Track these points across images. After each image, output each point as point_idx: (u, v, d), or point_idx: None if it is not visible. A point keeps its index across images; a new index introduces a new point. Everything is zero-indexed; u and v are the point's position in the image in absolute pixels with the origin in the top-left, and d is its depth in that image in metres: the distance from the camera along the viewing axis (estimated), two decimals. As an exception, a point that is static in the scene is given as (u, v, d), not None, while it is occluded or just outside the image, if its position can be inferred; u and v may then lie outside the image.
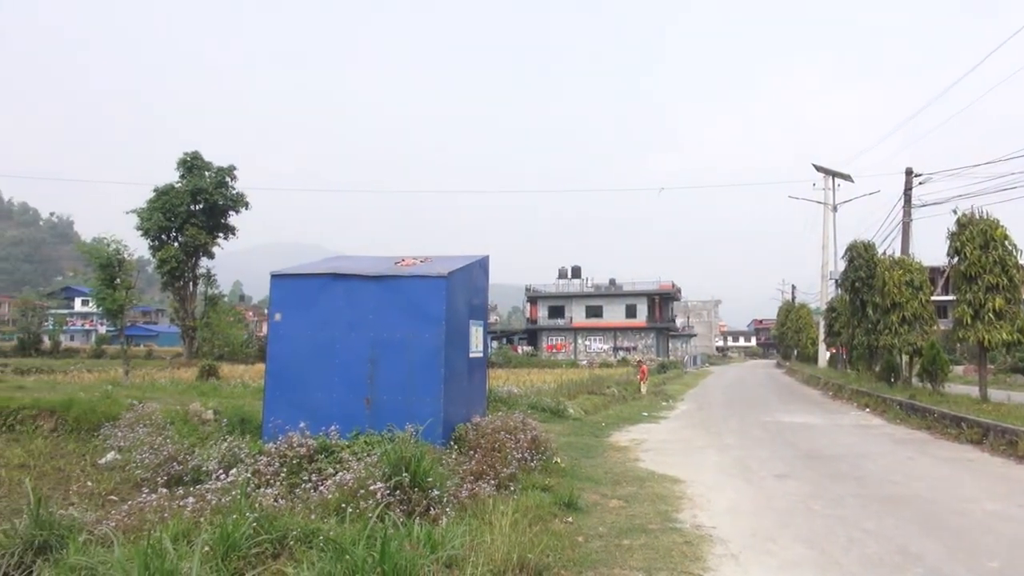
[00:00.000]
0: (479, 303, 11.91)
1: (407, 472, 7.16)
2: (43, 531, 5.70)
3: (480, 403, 12.01)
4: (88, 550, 5.29)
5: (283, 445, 8.83)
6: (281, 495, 6.90)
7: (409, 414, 9.57)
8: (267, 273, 11.09)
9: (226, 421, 11.95)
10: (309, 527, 5.83)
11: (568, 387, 23.66)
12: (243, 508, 5.84)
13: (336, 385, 10.26)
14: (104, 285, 28.19)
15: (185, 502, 6.52)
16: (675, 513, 8.26)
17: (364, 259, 11.95)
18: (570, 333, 79.71)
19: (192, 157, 49.73)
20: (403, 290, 10.25)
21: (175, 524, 5.76)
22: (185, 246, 48.21)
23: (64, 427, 13.56)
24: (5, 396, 15.29)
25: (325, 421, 9.47)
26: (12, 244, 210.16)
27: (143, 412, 12.59)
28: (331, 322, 10.40)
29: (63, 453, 11.70)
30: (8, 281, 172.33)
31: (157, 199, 48.15)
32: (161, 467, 9.36)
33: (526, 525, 6.70)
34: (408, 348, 10.02)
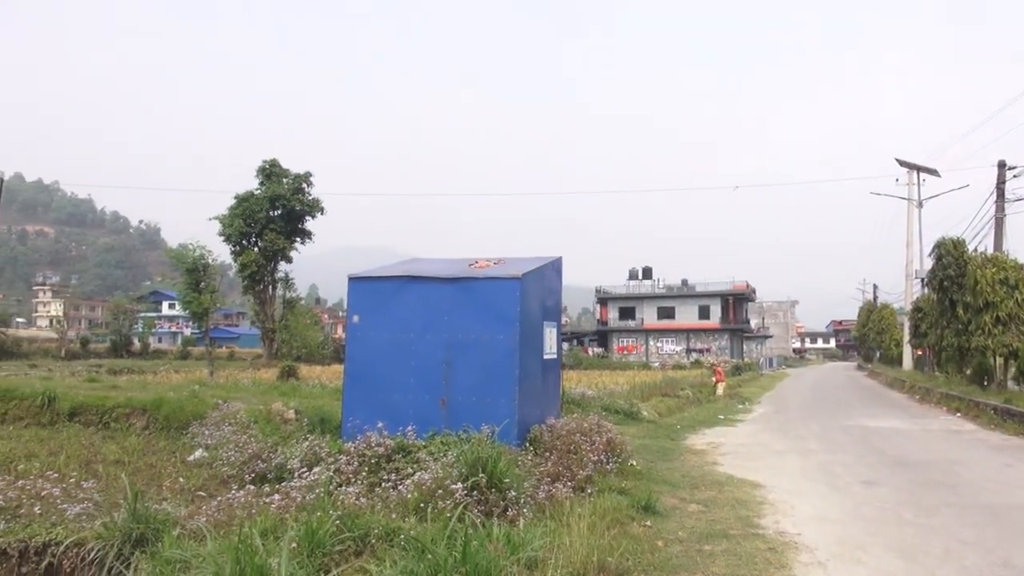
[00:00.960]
0: (553, 304, 11.89)
1: (484, 473, 7.19)
2: (140, 524, 5.96)
3: (554, 405, 11.98)
4: (182, 544, 5.51)
5: (362, 444, 9.00)
6: (362, 494, 7.02)
7: (484, 415, 9.61)
8: (341, 276, 11.33)
9: (307, 420, 12.26)
10: (390, 526, 5.92)
11: (641, 389, 23.39)
12: (326, 506, 5.98)
13: (412, 386, 10.39)
14: (190, 289, 29.35)
15: (271, 499, 6.71)
16: (757, 519, 8.05)
17: (438, 261, 12.08)
18: (641, 335, 78.85)
19: (271, 164, 51.37)
20: (477, 292, 10.31)
21: (262, 520, 5.93)
22: (264, 251, 49.80)
23: (155, 425, 14.19)
24: (101, 395, 16.10)
25: (402, 421, 9.61)
26: (105, 251, 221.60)
27: (228, 411, 13.05)
28: (407, 324, 10.54)
29: (155, 450, 12.23)
30: (101, 286, 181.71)
31: (238, 206, 49.92)
32: (246, 465, 9.68)
33: (604, 528, 6.64)
34: (483, 349, 10.07)
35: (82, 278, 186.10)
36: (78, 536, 6.32)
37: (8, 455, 10.98)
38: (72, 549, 6.26)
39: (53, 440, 12.78)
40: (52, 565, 6.36)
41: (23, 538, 6.53)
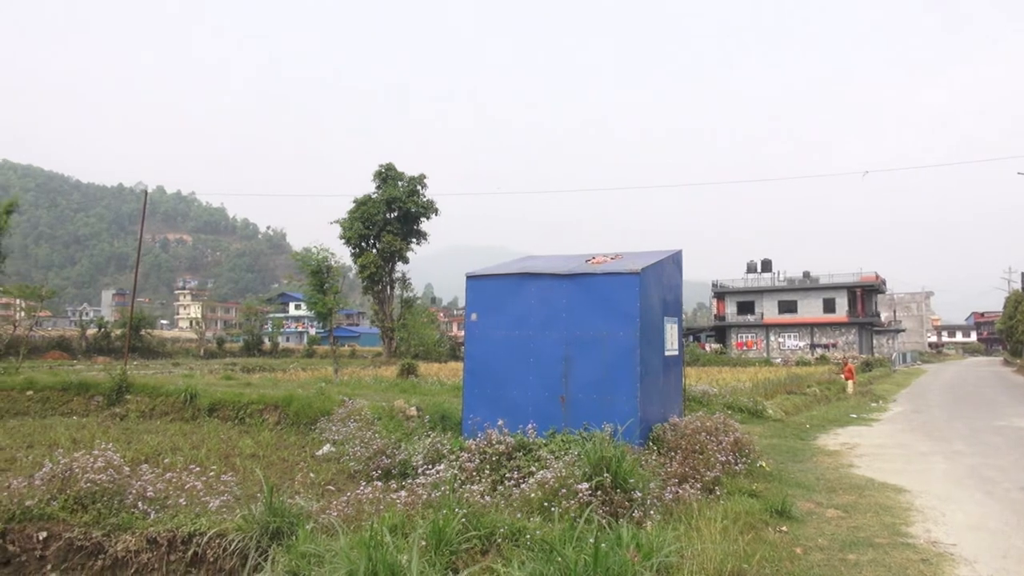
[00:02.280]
0: (673, 299, 11.54)
1: (608, 472, 7.01)
2: (276, 518, 6.16)
3: (676, 403, 11.63)
4: (315, 538, 5.64)
5: (483, 442, 9.01)
6: (485, 492, 6.99)
7: (605, 413, 9.43)
8: (455, 276, 11.42)
9: (428, 417, 12.45)
10: (515, 525, 5.84)
11: (764, 386, 22.45)
12: (452, 504, 5.97)
13: (531, 383, 10.34)
14: (315, 290, 30.59)
15: (397, 495, 6.79)
16: (904, 527, 7.46)
17: (555, 258, 11.97)
18: (761, 330, 76.02)
19: (386, 168, 52.91)
20: (595, 288, 10.13)
21: (390, 517, 5.99)
22: (382, 252, 51.37)
23: (285, 421, 14.80)
24: (236, 392, 16.97)
25: (522, 419, 9.57)
26: (237, 256, 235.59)
27: (353, 408, 13.44)
28: (525, 321, 10.50)
29: (286, 444, 12.74)
30: (234, 289, 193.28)
31: (357, 209, 51.74)
32: (372, 460, 9.90)
33: (737, 533, 6.33)
34: (602, 346, 9.88)
35: (217, 282, 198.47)
36: (220, 527, 6.61)
37: (156, 448, 11.71)
38: (215, 540, 6.55)
39: (195, 434, 13.56)
40: (197, 554, 6.69)
41: (171, 528, 6.91)
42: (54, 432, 13.33)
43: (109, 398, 16.61)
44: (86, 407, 16.44)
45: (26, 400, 16.50)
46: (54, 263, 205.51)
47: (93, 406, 16.47)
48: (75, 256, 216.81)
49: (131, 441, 12.34)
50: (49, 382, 17.49)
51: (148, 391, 16.88)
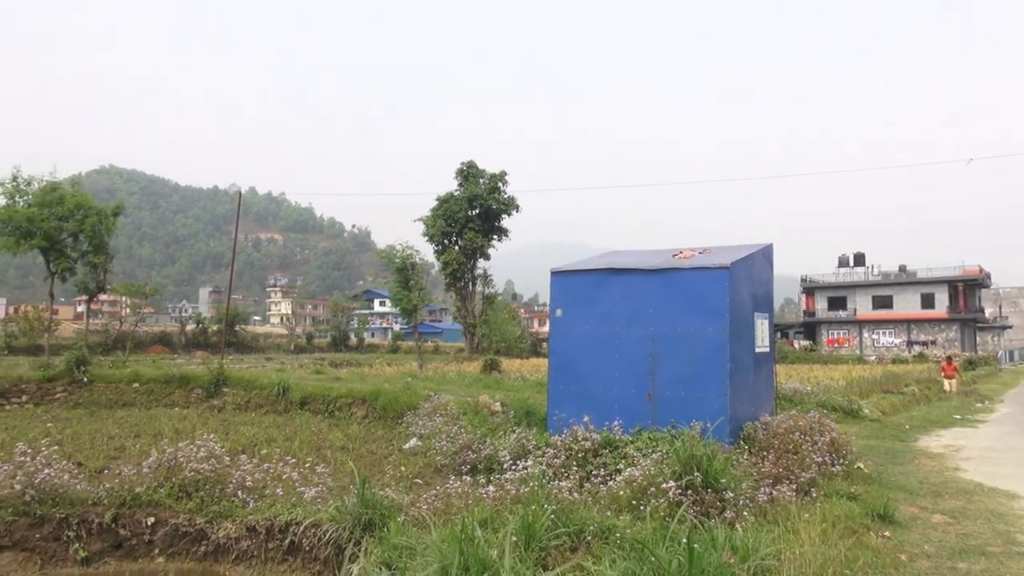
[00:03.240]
0: (764, 295, 11.19)
1: (698, 472, 6.86)
2: (368, 510, 6.29)
3: (768, 401, 11.28)
4: (406, 531, 5.72)
5: (568, 438, 8.97)
6: (573, 488, 6.95)
7: (693, 411, 9.22)
8: (536, 272, 11.40)
9: (512, 413, 12.49)
10: (605, 523, 5.78)
11: (859, 385, 21.56)
12: (541, 500, 5.95)
13: (617, 380, 10.22)
14: (399, 287, 31.17)
15: (486, 490, 6.82)
16: (1020, 535, 7.00)
17: (640, 253, 11.80)
18: (854, 326, 73.11)
19: (468, 166, 53.43)
20: (683, 283, 9.92)
21: (479, 511, 6.02)
22: (464, 249, 51.92)
23: (373, 414, 15.14)
24: (326, 386, 17.48)
25: (607, 415, 9.47)
26: (324, 254, 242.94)
27: (438, 403, 13.62)
28: (610, 317, 10.38)
29: (374, 438, 13.03)
30: (321, 286, 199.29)
31: (439, 207, 52.46)
32: (458, 455, 10.00)
33: (836, 537, 6.07)
34: (690, 342, 9.67)
35: (306, 279, 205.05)
36: (315, 518, 6.81)
37: (252, 439, 12.17)
38: (310, 529, 6.76)
39: (288, 426, 14.03)
40: (293, 543, 6.91)
41: (269, 517, 7.16)
42: (158, 422, 14.04)
43: (208, 390, 17.37)
44: (187, 399, 17.25)
45: (133, 392, 17.42)
46: (156, 262, 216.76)
47: (193, 398, 17.26)
48: (175, 255, 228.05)
49: (229, 432, 12.86)
50: (153, 375, 18.43)
51: (243, 384, 17.57)
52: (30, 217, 28.51)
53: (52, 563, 7.24)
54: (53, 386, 17.28)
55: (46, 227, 29.31)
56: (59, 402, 16.82)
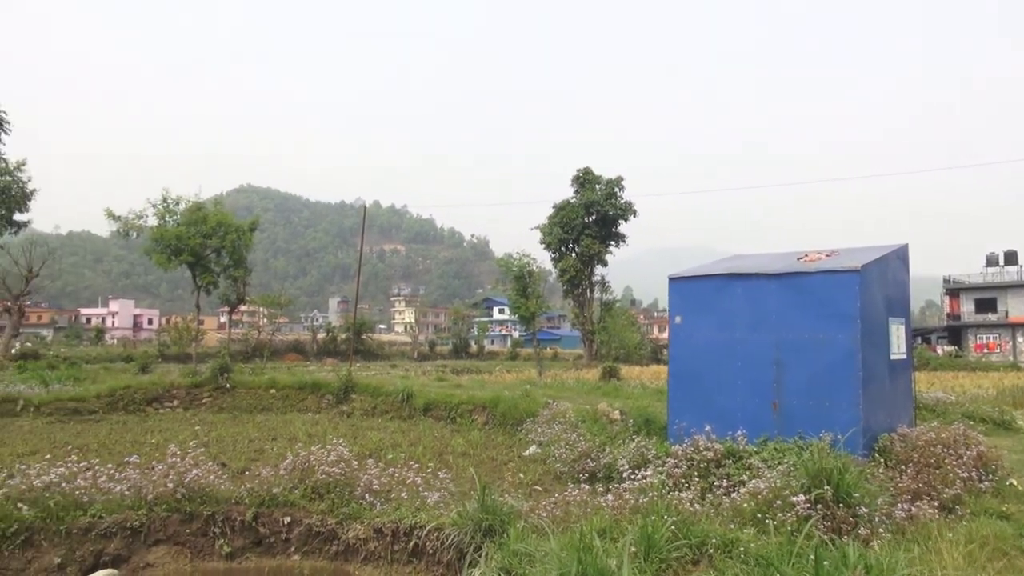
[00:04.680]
0: (899, 298, 10.56)
1: (828, 485, 6.55)
2: (488, 515, 6.41)
3: (905, 411, 10.62)
4: (526, 537, 5.79)
5: (690, 448, 8.79)
6: (694, 499, 6.81)
7: (821, 421, 8.81)
8: (655, 278, 11.25)
9: (631, 421, 12.36)
10: (728, 536, 5.63)
11: (1012, 394, 19.86)
12: (661, 510, 5.87)
13: (739, 388, 9.92)
14: (518, 295, 31.60)
15: (604, 499, 6.80)
16: None
17: (763, 257, 11.42)
18: (1006, 330, 67.36)
19: (584, 173, 53.33)
20: (809, 287, 9.52)
21: (598, 520, 6.01)
22: (581, 256, 51.80)
23: (493, 421, 15.38)
24: (447, 393, 17.91)
25: (730, 425, 9.21)
26: (444, 263, 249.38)
27: (557, 410, 13.67)
28: (731, 323, 10.10)
29: (494, 444, 13.23)
30: (442, 295, 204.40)
31: (556, 214, 52.63)
32: (577, 462, 10.01)
33: (984, 560, 5.64)
34: (818, 349, 9.25)
35: (427, 288, 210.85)
36: (438, 522, 7.00)
37: (378, 444, 12.65)
38: (433, 533, 6.95)
39: (412, 432, 14.48)
40: (418, 546, 7.13)
41: (394, 520, 7.43)
42: (293, 427, 14.83)
43: (337, 396, 18.20)
44: (318, 404, 18.14)
45: (270, 397, 18.49)
46: (289, 274, 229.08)
47: (324, 404, 18.13)
48: (306, 267, 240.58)
49: (357, 437, 13.42)
50: (288, 382, 19.49)
51: (370, 391, 18.28)
52: (179, 235, 30.87)
53: (200, 557, 7.79)
54: (200, 392, 18.59)
55: (192, 244, 31.63)
56: (205, 406, 18.08)
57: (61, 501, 7.44)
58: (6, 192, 39.67)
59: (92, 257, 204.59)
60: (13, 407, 16.39)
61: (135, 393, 17.88)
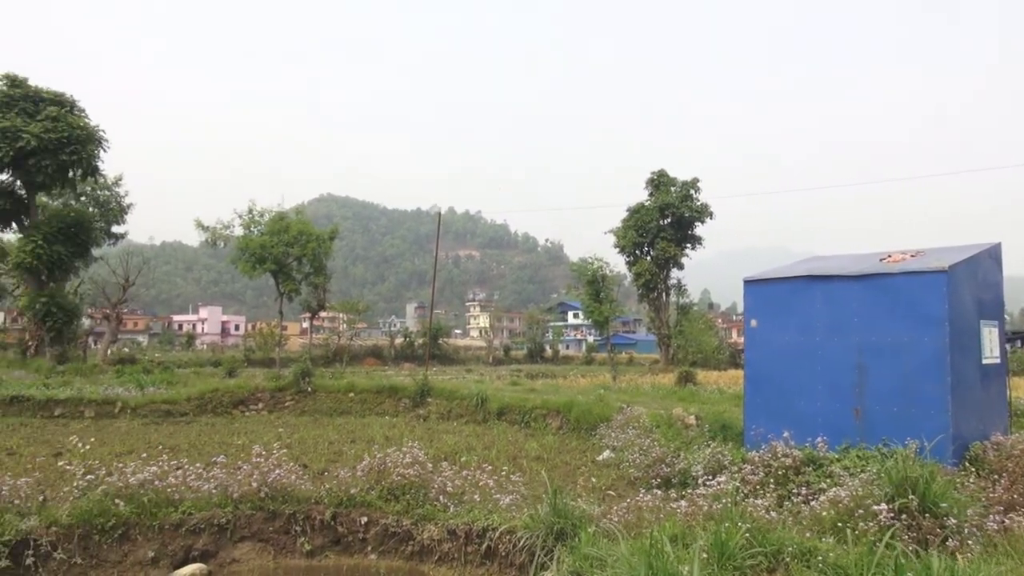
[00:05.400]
0: (991, 299, 10.06)
1: (913, 495, 6.31)
2: (560, 519, 6.43)
3: (1000, 418, 10.10)
4: (597, 542, 5.78)
5: (767, 454, 8.60)
6: (771, 507, 6.66)
7: (907, 428, 8.48)
8: (732, 280, 11.02)
9: (707, 427, 12.17)
10: (805, 545, 5.49)
11: (1123, 401, 18.60)
12: (735, 517, 5.76)
13: (819, 393, 9.65)
14: (592, 299, 31.44)
15: (677, 504, 6.72)
16: None
17: (843, 258, 11.07)
18: (1117, 333, 63.19)
19: (658, 175, 52.74)
20: (892, 289, 9.18)
21: (670, 525, 5.95)
22: (656, 259, 51.21)
23: (567, 425, 15.38)
24: (521, 397, 18.00)
25: (809, 431, 8.97)
26: (519, 268, 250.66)
27: (631, 415, 13.57)
28: (810, 327, 9.83)
29: (568, 448, 13.23)
30: (517, 300, 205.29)
31: (630, 218, 52.20)
32: (651, 468, 9.91)
33: (1087, 576, 5.32)
34: (902, 353, 8.91)
35: (502, 293, 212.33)
36: (510, 524, 7.06)
37: (453, 447, 12.82)
38: (505, 535, 7.01)
39: (486, 435, 14.61)
40: (490, 548, 7.21)
41: (468, 521, 7.53)
42: (371, 429, 15.19)
43: (414, 400, 18.53)
44: (395, 408, 18.50)
45: (349, 401, 18.98)
46: (367, 281, 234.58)
47: (401, 407, 18.48)
48: (384, 274, 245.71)
49: (432, 440, 13.64)
50: (366, 386, 19.95)
51: (445, 395, 18.54)
52: (263, 244, 31.99)
53: (283, 554, 8.08)
54: (283, 395, 19.23)
55: (275, 253, 32.73)
56: (288, 409, 18.70)
57: (154, 498, 7.84)
58: (105, 206, 42.06)
59: (183, 266, 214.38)
60: (112, 409, 17.33)
61: (223, 396, 18.65)
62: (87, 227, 34.81)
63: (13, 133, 29.85)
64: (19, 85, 31.91)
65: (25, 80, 32.28)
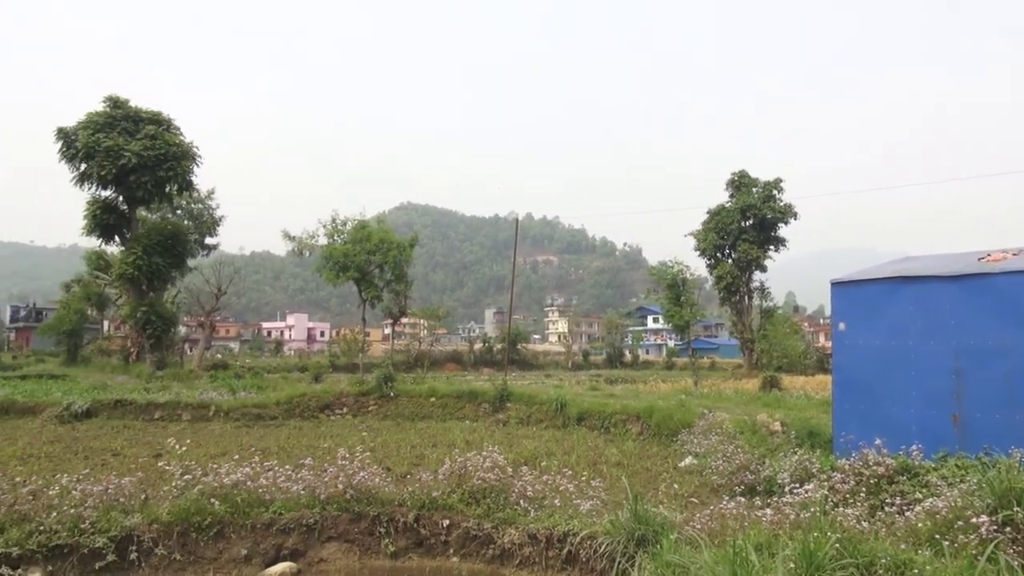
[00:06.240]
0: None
1: (1018, 506, 5.99)
2: (641, 525, 6.37)
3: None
4: (679, 549, 5.70)
5: (858, 462, 8.30)
6: (862, 517, 6.41)
7: (1012, 436, 8.04)
8: (819, 282, 10.68)
9: (794, 433, 11.82)
10: (900, 557, 5.27)
11: None
12: (823, 527, 5.59)
13: (912, 399, 9.25)
14: (671, 303, 31.03)
15: (763, 513, 6.56)
16: None
17: (936, 258, 10.58)
18: None
19: (739, 176, 51.57)
20: (993, 290, 8.72)
21: (755, 534, 5.81)
22: (738, 262, 50.05)
23: (647, 431, 15.19)
24: (601, 402, 17.90)
25: (903, 438, 8.60)
26: (597, 273, 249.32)
27: (714, 421, 13.31)
28: (901, 330, 9.44)
29: (648, 454, 13.07)
30: (595, 304, 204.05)
31: (710, 220, 51.21)
32: (735, 475, 9.70)
33: None
34: (1005, 357, 8.46)
35: (580, 298, 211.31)
36: (590, 530, 7.04)
37: (533, 452, 12.85)
38: (586, 541, 6.99)
39: (565, 441, 14.59)
40: (571, 553, 7.20)
41: (548, 526, 7.55)
42: (451, 434, 15.38)
43: (493, 405, 18.66)
44: (475, 412, 18.67)
45: (430, 405, 19.27)
46: (447, 287, 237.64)
47: (481, 412, 18.64)
48: (463, 280, 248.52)
49: (512, 444, 13.70)
50: (447, 390, 20.21)
51: (525, 400, 18.60)
52: (346, 253, 32.88)
53: (368, 555, 8.27)
54: (367, 399, 19.69)
55: (358, 261, 33.58)
56: (371, 414, 19.12)
57: (247, 498, 8.16)
58: (199, 218, 44.07)
59: (271, 275, 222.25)
60: (206, 412, 18.12)
61: (309, 401, 19.23)
62: (183, 239, 36.51)
63: (116, 151, 31.61)
64: (120, 106, 33.79)
65: (126, 101, 34.17)
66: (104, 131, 32.18)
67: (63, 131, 32.74)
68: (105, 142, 31.62)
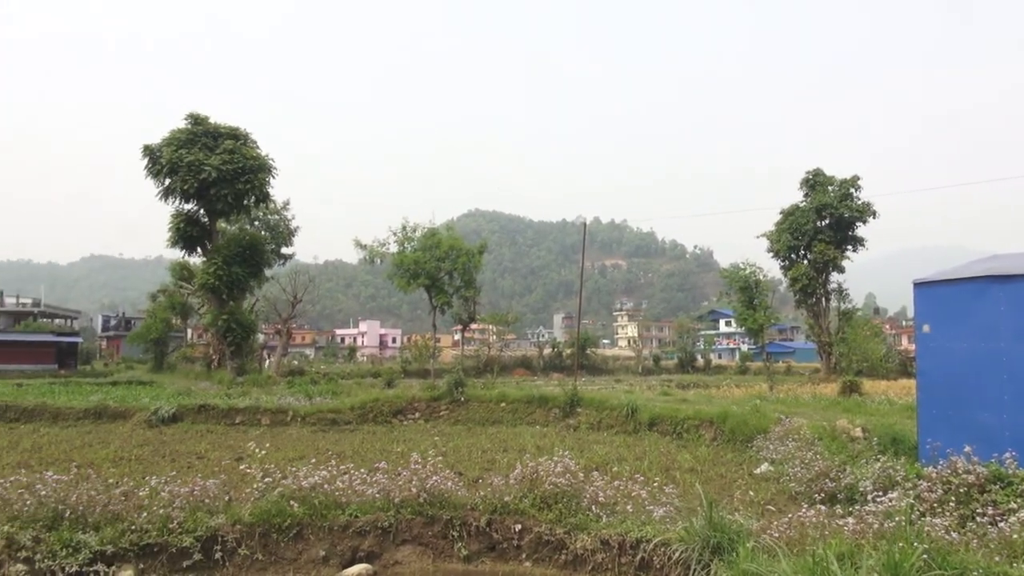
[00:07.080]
0: None
1: (1125, 518, 5.62)
2: (716, 533, 6.26)
3: None
4: (756, 557, 5.57)
5: (946, 470, 7.97)
6: (951, 527, 6.14)
7: (1116, 443, 7.57)
8: (901, 283, 10.29)
9: (876, 440, 11.41)
10: (993, 569, 5.04)
11: None
12: (909, 537, 5.38)
13: (1006, 405, 8.80)
14: (744, 306, 30.38)
15: (844, 521, 6.36)
16: None
17: (1029, 255, 10.05)
18: None
19: (814, 175, 50.15)
20: (1091, 288, 8.24)
21: (836, 543, 5.63)
22: (814, 263, 48.63)
23: (721, 437, 14.91)
24: (673, 407, 17.65)
25: (995, 446, 8.22)
26: (667, 276, 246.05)
27: (791, 427, 12.96)
28: (992, 331, 9.01)
29: (722, 461, 12.83)
30: (666, 308, 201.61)
31: (784, 220, 49.92)
32: (814, 482, 9.42)
33: None
34: (1107, 360, 7.97)
35: (650, 302, 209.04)
36: (664, 536, 6.95)
37: (604, 457, 12.77)
38: (659, 547, 6.91)
39: (637, 446, 14.44)
40: (644, 559, 7.12)
41: (621, 532, 7.48)
42: (522, 439, 15.42)
43: (563, 410, 18.64)
44: (546, 418, 18.68)
45: (500, 410, 19.37)
46: (515, 292, 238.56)
47: (551, 417, 18.64)
48: (531, 285, 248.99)
49: (583, 450, 13.65)
50: (516, 395, 20.29)
51: (595, 405, 18.51)
52: (416, 260, 33.47)
53: (441, 558, 8.36)
54: (438, 405, 19.94)
55: (428, 268, 34.15)
56: (443, 418, 19.35)
57: (324, 500, 8.37)
58: (275, 229, 45.47)
59: (344, 283, 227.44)
60: (284, 417, 18.67)
61: (382, 406, 19.59)
62: (260, 249, 37.73)
63: (197, 166, 32.93)
64: (201, 123, 35.19)
65: (206, 118, 35.57)
66: (186, 147, 33.55)
67: (149, 148, 34.27)
68: (187, 157, 32.96)
